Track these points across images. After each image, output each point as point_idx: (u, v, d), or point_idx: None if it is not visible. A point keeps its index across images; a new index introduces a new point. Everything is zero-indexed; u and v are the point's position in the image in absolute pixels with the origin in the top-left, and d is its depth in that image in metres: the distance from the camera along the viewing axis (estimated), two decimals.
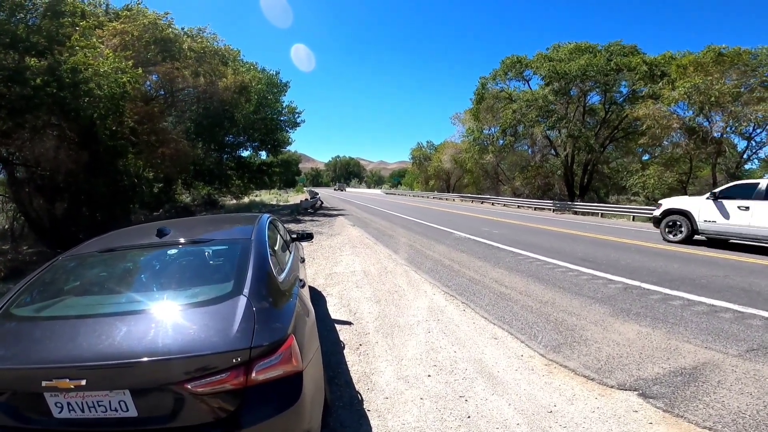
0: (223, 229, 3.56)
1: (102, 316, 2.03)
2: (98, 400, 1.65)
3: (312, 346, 2.21)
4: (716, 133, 21.70)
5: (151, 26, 15.11)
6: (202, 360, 1.65)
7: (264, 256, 2.52)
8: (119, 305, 2.19)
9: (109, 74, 10.48)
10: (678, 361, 3.49)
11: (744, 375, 3.20)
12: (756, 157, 23.87)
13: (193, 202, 26.81)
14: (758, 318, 4.51)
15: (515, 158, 36.08)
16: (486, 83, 31.35)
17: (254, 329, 1.78)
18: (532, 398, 2.95)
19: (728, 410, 2.72)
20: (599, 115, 29.25)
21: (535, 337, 4.11)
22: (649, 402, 2.86)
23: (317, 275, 7.04)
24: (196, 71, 17.54)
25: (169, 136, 16.49)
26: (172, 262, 2.71)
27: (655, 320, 4.51)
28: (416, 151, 59.48)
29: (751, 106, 19.28)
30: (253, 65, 26.48)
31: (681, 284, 6.00)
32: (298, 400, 1.78)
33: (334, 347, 3.93)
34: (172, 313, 1.98)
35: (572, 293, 5.65)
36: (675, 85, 21.55)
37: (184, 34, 18.53)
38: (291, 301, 2.26)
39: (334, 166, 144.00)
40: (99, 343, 1.73)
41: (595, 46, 27.66)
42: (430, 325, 4.50)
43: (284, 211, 22.77)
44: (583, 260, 7.90)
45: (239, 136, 27.45)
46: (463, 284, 6.27)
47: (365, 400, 2.98)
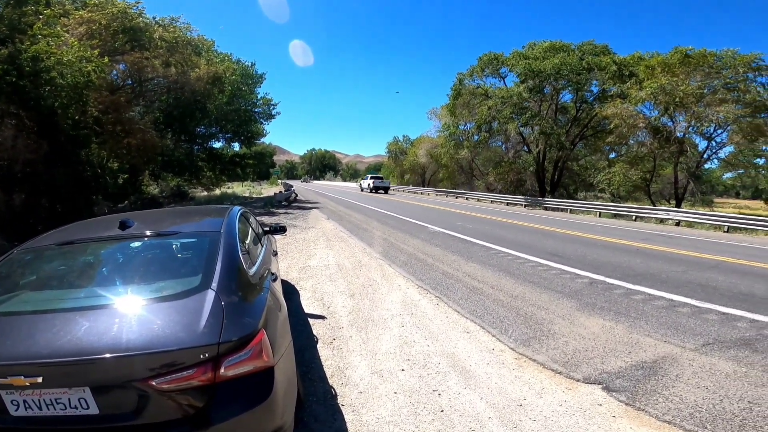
0: (192, 222, 3.46)
1: (60, 311, 1.95)
2: (56, 397, 1.59)
3: (284, 341, 2.18)
4: (679, 133, 22.58)
5: (121, 15, 14.64)
6: (167, 356, 1.60)
7: (234, 249, 2.46)
8: (78, 300, 2.12)
9: (73, 63, 10.07)
10: (639, 354, 3.64)
11: (700, 369, 3.36)
12: (716, 157, 25.02)
13: (161, 193, 25.98)
14: (714, 313, 4.76)
15: (489, 154, 36.69)
16: (463, 79, 31.53)
17: (223, 324, 1.74)
18: (503, 392, 3.02)
19: (686, 404, 2.84)
20: (570, 113, 29.98)
21: (505, 331, 4.20)
22: (612, 395, 2.97)
23: (290, 269, 6.97)
24: (167, 61, 17.04)
25: (136, 126, 15.96)
26: (135, 255, 2.61)
27: (618, 314, 4.69)
28: (392, 145, 59.49)
29: (713, 107, 20.02)
30: (227, 56, 25.77)
31: (643, 279, 6.27)
32: (269, 396, 1.76)
33: (307, 342, 3.90)
34: (135, 308, 1.92)
35: (541, 287, 5.81)
36: (642, 86, 22.16)
37: (156, 23, 17.97)
38: (262, 295, 2.23)
39: (310, 158, 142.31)
40: (56, 340, 1.67)
41: (569, 45, 28.21)
42: (404, 319, 4.53)
43: (257, 204, 22.37)
44: (553, 255, 8.13)
45: (211, 127, 26.80)
46: (437, 278, 6.34)
47: (339, 394, 2.98)
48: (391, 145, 59.63)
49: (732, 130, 21.38)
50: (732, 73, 20.40)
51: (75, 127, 11.17)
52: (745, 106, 19.97)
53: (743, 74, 20.22)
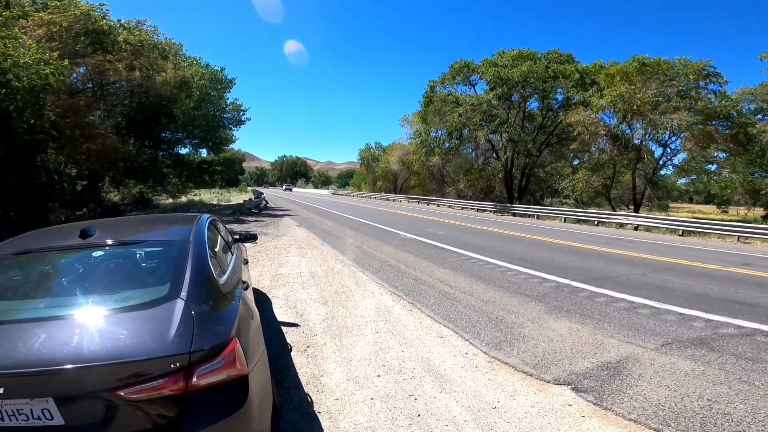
0: (158, 230, 3.37)
1: (18, 322, 1.89)
2: (18, 408, 1.55)
3: (258, 349, 2.17)
4: (637, 140, 23.72)
5: (83, 17, 14.18)
6: (134, 366, 1.58)
7: (203, 257, 2.43)
8: (37, 311, 2.05)
9: (30, 66, 9.64)
10: (604, 355, 3.80)
11: (661, 368, 3.53)
12: (670, 164, 26.38)
13: (122, 200, 24.98)
14: (672, 313, 5.02)
15: (460, 161, 37.32)
16: (435, 86, 32.00)
17: (194, 333, 1.73)
18: (477, 395, 3.08)
19: (649, 403, 2.97)
20: (537, 120, 30.93)
21: (478, 336, 4.29)
22: (581, 396, 3.08)
23: (262, 277, 6.85)
24: (132, 64, 16.53)
25: (96, 131, 15.39)
26: (98, 264, 2.54)
27: (584, 317, 4.88)
28: (365, 152, 59.60)
29: (668, 114, 21.03)
30: (196, 60, 25.19)
31: (605, 282, 6.55)
32: (244, 404, 1.75)
33: (281, 350, 3.85)
34: (100, 318, 1.88)
35: (511, 292, 5.96)
36: (603, 94, 23.06)
37: (121, 26, 17.47)
38: (233, 304, 2.21)
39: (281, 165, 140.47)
40: (16, 350, 1.63)
41: (535, 53, 29.02)
42: (378, 326, 4.55)
43: (226, 212, 21.87)
44: (521, 260, 8.36)
45: (178, 133, 26.05)
46: (410, 284, 6.40)
47: (315, 402, 2.96)
48: (364, 152, 59.75)
49: (685, 137, 22.54)
50: (684, 80, 21.40)
51: (30, 131, 10.64)
52: (697, 114, 21.02)
53: (694, 82, 21.26)
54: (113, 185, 24.11)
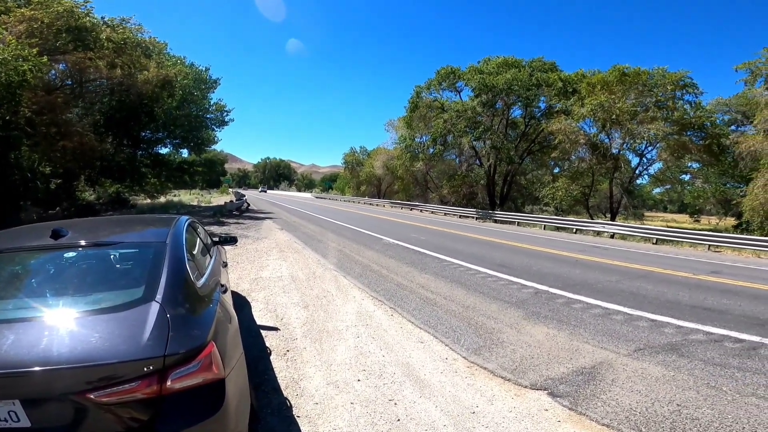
0: (134, 231, 3.31)
1: None
2: None
3: (235, 353, 2.16)
4: (614, 150, 24.31)
5: (66, 14, 13.92)
6: (105, 369, 1.56)
7: (180, 260, 2.40)
8: (6, 312, 2.00)
9: (8, 61, 9.38)
10: (579, 360, 3.88)
11: (633, 373, 3.62)
12: (646, 173, 27.15)
13: (98, 200, 24.34)
14: (644, 320, 5.17)
15: (444, 167, 37.64)
16: (420, 92, 32.19)
17: (168, 336, 1.71)
18: (456, 400, 3.11)
19: (622, 407, 3.05)
20: (520, 128, 31.44)
21: (458, 341, 4.33)
22: (557, 401, 3.14)
23: (241, 280, 6.77)
24: (113, 62, 16.25)
25: (72, 129, 15.03)
26: (70, 266, 2.49)
27: (560, 323, 4.98)
28: (349, 156, 59.47)
29: (645, 124, 21.55)
30: (180, 59, 24.79)
31: (581, 288, 6.70)
32: (220, 408, 1.74)
33: (260, 354, 3.82)
34: (70, 320, 1.85)
35: (491, 298, 6.04)
36: (584, 102, 23.52)
37: (104, 23, 17.13)
38: (211, 308, 2.20)
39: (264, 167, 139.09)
40: None
41: (520, 61, 29.49)
42: (359, 330, 4.55)
43: (206, 213, 21.53)
44: (501, 266, 8.48)
45: (158, 132, 25.58)
46: (391, 289, 6.42)
47: (294, 406, 2.95)
48: (348, 156, 59.63)
49: (661, 147, 23.16)
50: (662, 91, 21.99)
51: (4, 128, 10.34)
52: (673, 124, 21.62)
53: (672, 92, 21.88)
54: (89, 184, 23.52)
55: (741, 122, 28.04)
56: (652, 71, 22.53)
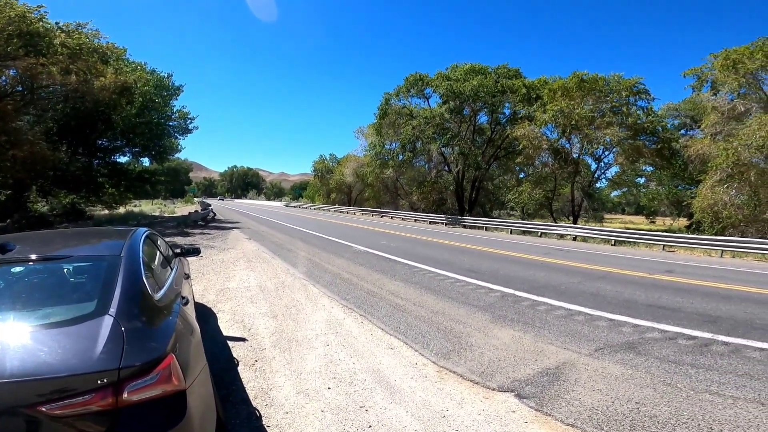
0: (87, 245, 3.25)
1: None
2: None
3: (197, 364, 2.15)
4: (575, 154, 25.24)
5: (18, 19, 13.31)
6: (57, 382, 1.57)
7: (136, 273, 2.39)
8: None
9: None
10: (544, 362, 4.00)
11: (594, 373, 3.75)
12: (604, 177, 28.30)
13: (51, 211, 23.09)
14: (603, 319, 5.39)
15: (413, 173, 38.01)
16: (390, 99, 32.43)
17: (123, 349, 1.72)
18: (427, 404, 3.14)
19: (584, 407, 3.14)
20: (486, 134, 32.18)
21: (427, 346, 4.37)
22: (523, 402, 3.21)
23: (207, 291, 6.59)
24: (68, 68, 15.58)
25: (23, 137, 14.35)
26: (17, 281, 2.42)
27: (526, 325, 5.12)
28: (319, 164, 59.11)
29: (602, 129, 22.48)
30: (140, 65, 24.00)
31: (546, 291, 6.91)
32: (182, 420, 1.75)
33: (227, 364, 3.74)
34: (19, 335, 1.84)
35: (459, 302, 6.14)
36: (546, 108, 24.26)
37: (59, 29, 16.45)
38: (170, 320, 2.20)
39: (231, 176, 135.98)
40: None
41: (486, 68, 30.14)
42: (329, 338, 4.52)
43: (170, 224, 20.82)
44: (469, 271, 8.63)
45: (116, 140, 24.63)
46: (361, 297, 6.41)
47: (264, 416, 2.90)
48: (318, 164, 59.26)
49: (617, 151, 24.19)
50: (617, 96, 22.96)
51: None
52: (628, 129, 22.65)
53: (626, 98, 22.87)
54: (41, 195, 22.34)
55: (690, 126, 29.91)
56: (608, 77, 23.49)
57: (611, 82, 23.30)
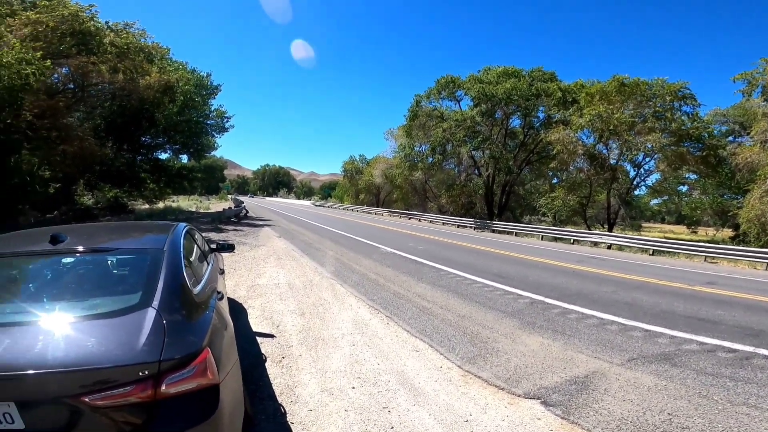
0: (132, 238, 3.35)
1: None
2: None
3: (230, 359, 2.18)
4: (612, 160, 24.31)
5: (71, 18, 14.03)
6: (101, 373, 1.60)
7: (178, 267, 2.43)
8: (3, 315, 2.03)
9: (12, 65, 9.46)
10: (573, 370, 3.91)
11: (626, 383, 3.65)
12: (644, 184, 27.11)
13: (96, 204, 24.37)
14: (638, 330, 5.20)
15: (443, 176, 37.70)
16: (420, 101, 32.23)
17: (164, 342, 1.74)
18: (450, 408, 3.13)
19: (613, 417, 3.07)
20: (519, 138, 31.42)
21: (453, 350, 4.35)
22: (549, 410, 3.16)
23: (238, 287, 6.79)
24: (116, 67, 16.35)
25: (73, 133, 15.10)
26: (68, 271, 2.52)
27: (555, 332, 5.01)
28: (348, 164, 59.58)
29: (643, 135, 21.51)
30: (182, 64, 25.00)
31: (577, 299, 6.73)
32: (214, 413, 1.77)
33: (256, 360, 3.84)
34: (67, 325, 1.88)
35: (487, 307, 6.07)
36: (583, 113, 23.43)
37: (108, 28, 17.31)
38: (207, 314, 2.22)
39: (263, 174, 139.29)
40: None
41: (520, 70, 29.42)
42: (355, 338, 4.57)
43: (204, 220, 21.54)
44: (498, 276, 8.51)
45: (158, 138, 25.68)
46: (388, 298, 6.44)
47: (289, 412, 2.96)
48: (347, 164, 59.75)
49: (658, 158, 23.11)
50: (660, 101, 21.92)
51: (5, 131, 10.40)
52: (671, 135, 21.56)
53: (670, 103, 21.80)
54: (88, 189, 23.56)
55: (738, 133, 28.22)
56: (651, 82, 22.47)
57: (654, 87, 22.23)
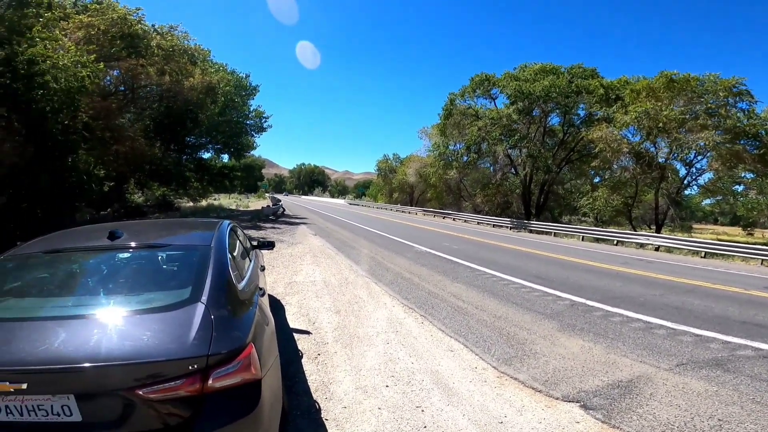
0: (182, 234, 3.47)
1: (47, 319, 1.97)
2: (39, 404, 1.59)
3: (271, 355, 2.22)
4: (661, 159, 22.99)
5: (120, 21, 14.72)
6: (154, 366, 1.63)
7: (224, 263, 2.49)
8: (66, 309, 2.12)
9: (68, 67, 10.09)
10: (616, 374, 3.75)
11: (673, 388, 3.48)
12: (695, 184, 25.52)
13: (145, 202, 25.69)
14: (689, 335, 4.92)
15: (478, 175, 37.04)
16: (455, 99, 31.81)
17: (212, 337, 1.78)
18: (484, 409, 3.09)
19: (659, 421, 2.94)
20: (558, 136, 30.39)
21: (488, 350, 4.28)
22: (589, 413, 3.06)
23: (277, 284, 6.97)
24: (162, 69, 17.10)
25: (125, 134, 15.90)
26: (124, 266, 2.62)
27: (597, 335, 4.82)
28: (382, 163, 59.79)
29: (695, 133, 20.31)
30: (222, 66, 25.97)
31: (621, 302, 6.44)
32: (255, 408, 1.79)
33: (292, 356, 3.92)
34: (123, 318, 1.94)
35: (524, 309, 5.92)
36: (627, 110, 22.37)
37: (154, 31, 18.02)
38: (251, 310, 2.27)
39: (299, 173, 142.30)
40: (43, 347, 1.68)
41: (558, 67, 28.52)
42: (389, 337, 4.58)
43: (244, 217, 22.26)
44: (536, 277, 8.28)
45: (202, 138, 26.76)
46: (422, 297, 6.42)
47: (323, 409, 3.01)
48: (381, 163, 59.95)
49: (712, 156, 21.66)
50: (713, 98, 20.63)
51: (64, 132, 11.10)
52: (725, 132, 20.21)
53: (724, 99, 20.43)
54: (138, 187, 24.80)
55: None
56: (702, 77, 21.15)
57: (706, 83, 20.89)
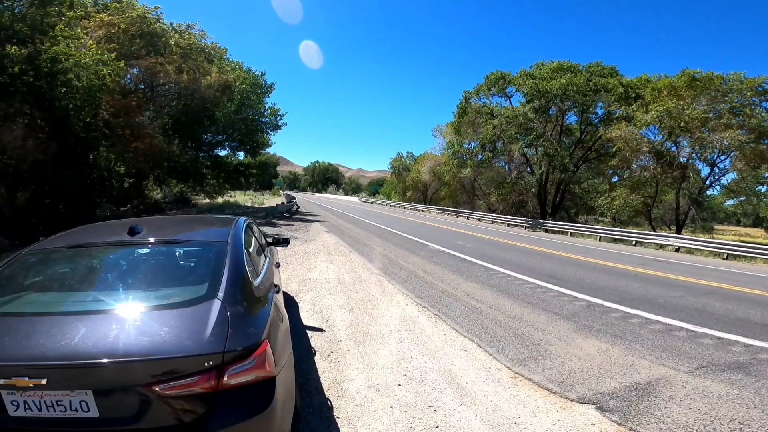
0: (199, 231, 3.48)
1: (67, 314, 2.00)
2: (57, 399, 1.61)
3: (285, 352, 2.22)
4: (682, 158, 22.38)
5: (140, 19, 14.96)
6: (171, 363, 1.63)
7: (240, 260, 2.50)
8: (84, 304, 2.15)
9: (90, 66, 10.32)
10: (633, 376, 3.68)
11: (693, 391, 3.40)
12: (718, 184, 24.80)
13: (164, 198, 26.16)
14: (709, 337, 4.79)
15: (492, 174, 36.64)
16: (469, 97, 31.59)
17: (228, 333, 1.78)
18: (498, 410, 3.06)
19: (677, 424, 2.88)
20: (575, 135, 29.88)
21: (502, 351, 4.24)
22: (605, 415, 3.01)
23: (290, 281, 7.02)
24: (180, 67, 17.33)
25: (144, 131, 16.18)
26: (143, 261, 2.65)
27: (615, 337, 4.73)
28: (396, 161, 59.64)
29: (718, 132, 19.77)
30: (238, 64, 26.24)
31: (640, 303, 6.30)
32: (269, 406, 1.79)
33: (305, 354, 3.94)
34: (142, 314, 1.95)
35: (539, 309, 5.85)
36: (648, 109, 21.87)
37: (172, 29, 18.25)
38: (266, 307, 2.26)
39: (313, 171, 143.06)
40: (62, 342, 1.69)
41: (576, 65, 28.09)
42: (402, 335, 4.57)
43: (259, 214, 22.48)
44: (551, 277, 8.17)
45: (218, 135, 27.11)
46: (436, 296, 6.39)
47: (335, 407, 3.02)
48: (395, 161, 59.82)
49: (735, 156, 21.09)
50: (738, 96, 20.11)
51: (86, 129, 11.36)
52: (750, 132, 19.70)
53: (749, 98, 19.93)
54: (156, 183, 25.27)
55: None
56: (726, 76, 20.56)
57: (730, 81, 20.32)
